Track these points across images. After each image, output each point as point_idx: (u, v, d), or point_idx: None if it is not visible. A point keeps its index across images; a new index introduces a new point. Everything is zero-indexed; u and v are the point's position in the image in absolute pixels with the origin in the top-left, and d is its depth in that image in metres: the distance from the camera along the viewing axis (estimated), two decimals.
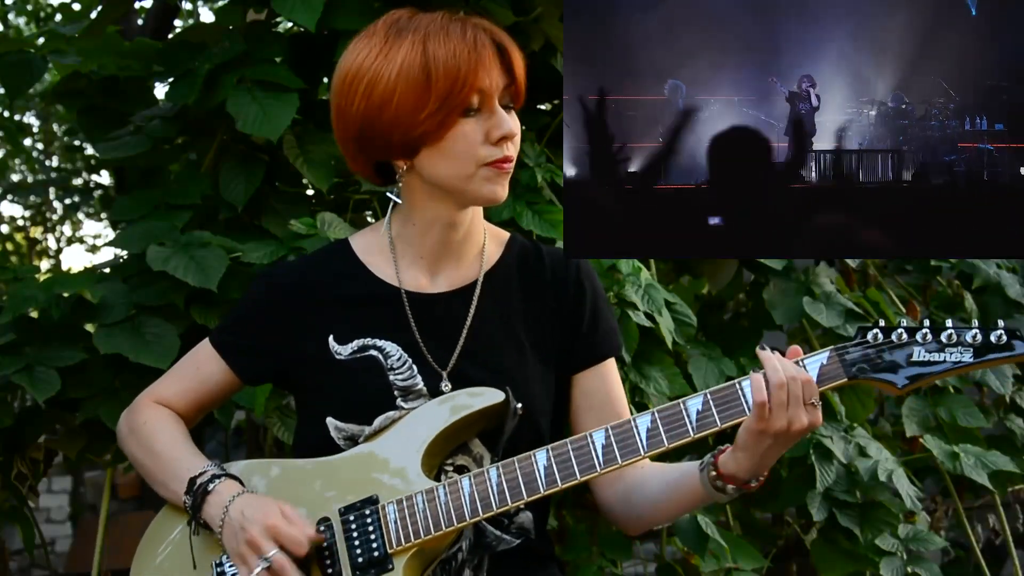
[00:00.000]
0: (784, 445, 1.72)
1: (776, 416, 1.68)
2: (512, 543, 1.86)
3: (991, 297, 3.60)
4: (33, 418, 2.83)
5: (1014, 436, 3.48)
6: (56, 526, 8.69)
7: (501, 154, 1.79)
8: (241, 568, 1.77)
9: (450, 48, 1.75)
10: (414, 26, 1.79)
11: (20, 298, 2.68)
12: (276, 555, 1.74)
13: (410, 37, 1.77)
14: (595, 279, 1.96)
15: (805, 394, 1.69)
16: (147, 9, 4.50)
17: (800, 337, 3.42)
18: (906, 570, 2.89)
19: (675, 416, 1.74)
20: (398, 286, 1.89)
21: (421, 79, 1.74)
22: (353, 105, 1.79)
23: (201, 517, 1.82)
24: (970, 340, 1.70)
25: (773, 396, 1.69)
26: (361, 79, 1.78)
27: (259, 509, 1.77)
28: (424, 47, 1.75)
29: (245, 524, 1.76)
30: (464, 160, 1.78)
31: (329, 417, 1.84)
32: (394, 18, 1.83)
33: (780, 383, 1.69)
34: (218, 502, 1.81)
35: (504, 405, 1.80)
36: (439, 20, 1.79)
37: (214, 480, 1.83)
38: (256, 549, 1.74)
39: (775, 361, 1.71)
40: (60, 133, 11.25)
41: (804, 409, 1.69)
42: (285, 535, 1.75)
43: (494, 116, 1.78)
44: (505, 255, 1.94)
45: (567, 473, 1.74)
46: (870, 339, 1.74)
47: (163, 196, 2.90)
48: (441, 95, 1.74)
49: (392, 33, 1.79)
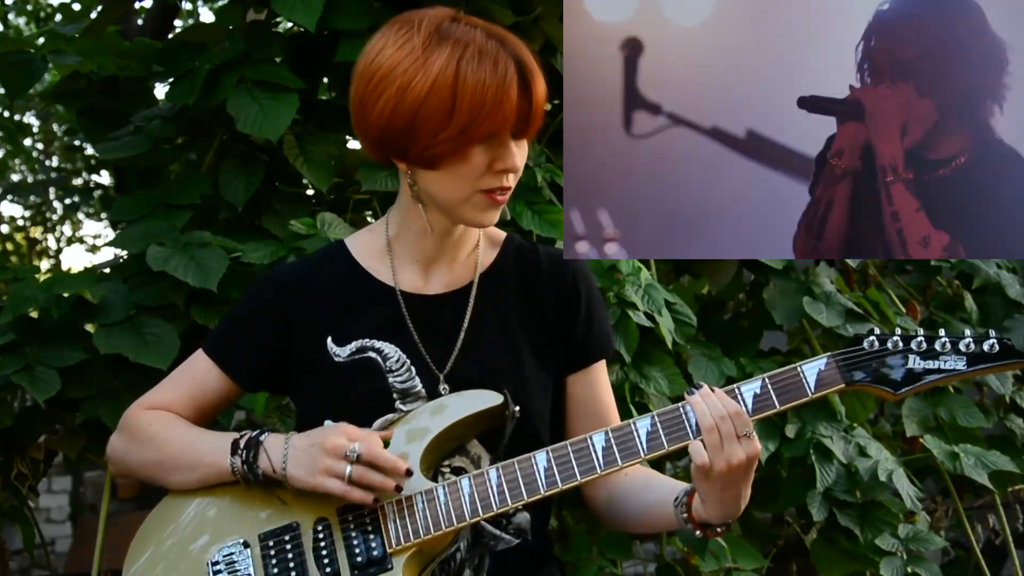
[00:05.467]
0: (735, 484, 1.71)
1: (714, 459, 1.69)
2: (511, 542, 1.86)
3: (991, 297, 3.59)
4: (33, 418, 2.83)
5: (1014, 436, 3.48)
6: (56, 526, 8.68)
7: (499, 184, 1.78)
8: (327, 481, 1.73)
9: (480, 77, 1.71)
10: (455, 36, 1.74)
11: (20, 298, 2.68)
12: (361, 446, 1.73)
13: (449, 50, 1.73)
14: (591, 280, 1.96)
15: (736, 428, 1.70)
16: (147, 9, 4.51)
17: (800, 337, 3.42)
18: (906, 570, 2.89)
19: (675, 419, 1.75)
20: (394, 287, 1.89)
21: (448, 101, 1.72)
22: (379, 104, 1.76)
23: (258, 467, 1.80)
24: (964, 349, 1.74)
25: (707, 440, 1.70)
26: (394, 80, 1.74)
27: (320, 430, 1.77)
28: (458, 67, 1.72)
29: (315, 440, 1.75)
30: (463, 183, 1.78)
31: (328, 420, 1.83)
32: (437, 19, 1.78)
33: (710, 427, 1.70)
34: (275, 445, 1.79)
35: (502, 407, 1.80)
36: (479, 40, 1.74)
37: (263, 433, 1.82)
38: (339, 449, 1.73)
39: (703, 405, 1.71)
40: (60, 133, 11.27)
41: (739, 443, 1.69)
42: (356, 433, 1.75)
43: (502, 147, 1.76)
44: (501, 255, 1.94)
45: (567, 474, 1.75)
46: (866, 346, 1.76)
47: (163, 196, 2.90)
48: (461, 124, 1.72)
49: (434, 38, 1.75)
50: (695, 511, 1.75)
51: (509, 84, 1.73)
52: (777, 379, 1.75)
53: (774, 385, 1.75)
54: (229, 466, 1.82)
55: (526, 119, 1.77)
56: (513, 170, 1.79)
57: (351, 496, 1.74)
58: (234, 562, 1.81)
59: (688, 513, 1.76)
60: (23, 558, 6.56)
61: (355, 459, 1.73)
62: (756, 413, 1.75)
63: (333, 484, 1.74)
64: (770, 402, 1.75)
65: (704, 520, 1.75)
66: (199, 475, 1.87)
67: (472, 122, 1.72)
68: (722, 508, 1.73)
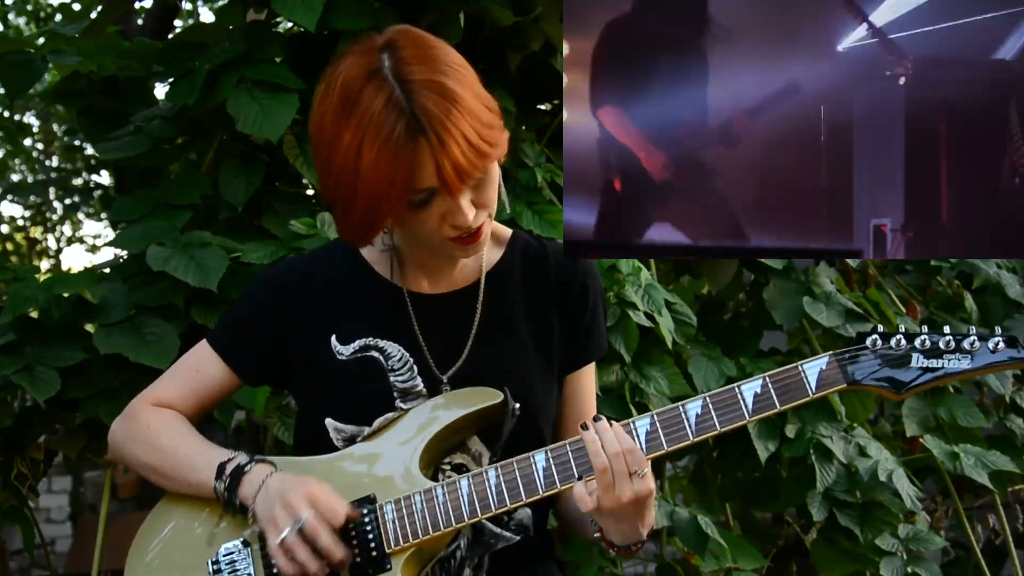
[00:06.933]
0: (628, 518, 1.71)
1: (604, 496, 1.68)
2: (511, 540, 1.86)
3: (991, 297, 3.59)
4: (33, 418, 2.84)
5: (1014, 436, 3.48)
6: (56, 526, 8.69)
7: (463, 232, 1.75)
8: (271, 532, 1.74)
9: (374, 154, 1.66)
10: (360, 111, 1.68)
11: (20, 298, 2.68)
12: (311, 519, 1.72)
13: (353, 126, 1.69)
14: (598, 280, 1.96)
15: (629, 466, 1.68)
16: (147, 9, 4.51)
17: (800, 337, 3.42)
18: (906, 570, 2.89)
19: (674, 419, 1.74)
20: (400, 286, 1.89)
21: (353, 182, 1.70)
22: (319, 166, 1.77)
23: (236, 497, 1.80)
24: (968, 347, 1.71)
25: (599, 479, 1.69)
26: (321, 146, 1.75)
27: (298, 481, 1.77)
28: (359, 148, 1.68)
29: (284, 491, 1.75)
30: (424, 237, 1.77)
31: (328, 418, 1.83)
32: (348, 83, 1.72)
33: (603, 468, 1.68)
34: (255, 480, 1.79)
35: (502, 405, 1.80)
36: (376, 113, 1.67)
37: (250, 463, 1.82)
38: (292, 511, 1.73)
39: (597, 444, 1.69)
40: (60, 133, 11.26)
41: (629, 482, 1.68)
42: (323, 503, 1.74)
43: (449, 203, 1.71)
44: (508, 254, 1.93)
45: (566, 475, 1.74)
46: (869, 345, 1.74)
47: (163, 196, 2.90)
48: (369, 202, 1.70)
49: (342, 109, 1.70)
50: (605, 532, 1.76)
51: (411, 149, 1.66)
52: (778, 378, 1.74)
53: (775, 384, 1.74)
54: (212, 489, 1.83)
55: (456, 170, 1.67)
56: (464, 227, 1.74)
57: (275, 558, 1.73)
58: (234, 561, 1.81)
59: (600, 532, 1.77)
60: (23, 558, 6.56)
61: (297, 528, 1.72)
62: (756, 413, 1.73)
63: (272, 538, 1.74)
64: (771, 402, 1.74)
65: (611, 540, 1.76)
66: (184, 488, 1.88)
67: (381, 197, 1.69)
68: (622, 536, 1.74)
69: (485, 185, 1.74)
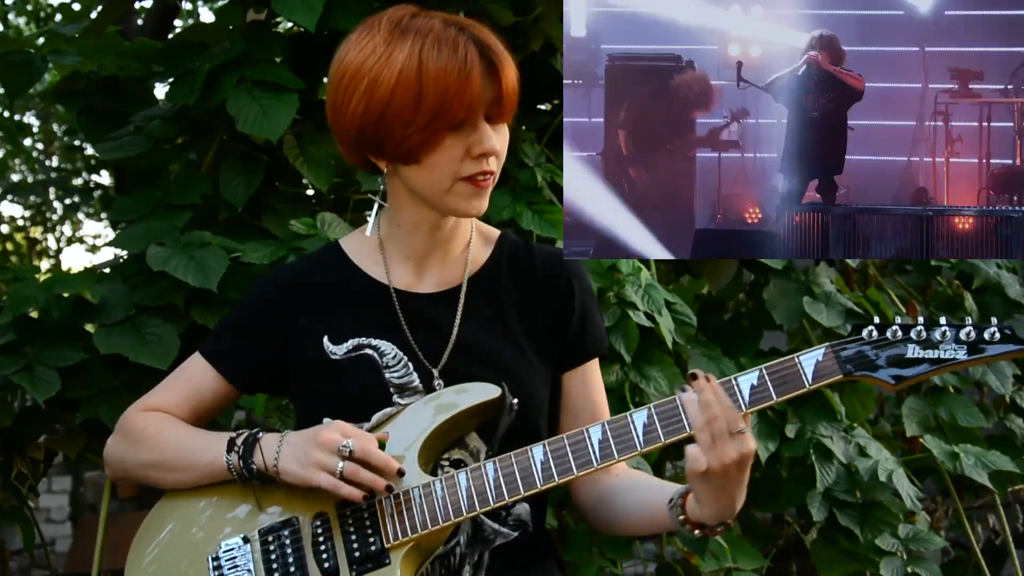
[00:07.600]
0: (729, 485, 1.69)
1: (710, 457, 1.67)
2: (510, 536, 1.86)
3: (991, 297, 3.60)
4: (33, 418, 2.84)
5: (1014, 436, 3.48)
6: (56, 526, 8.69)
7: (479, 169, 1.79)
8: (319, 474, 1.73)
9: (442, 64, 1.73)
10: (415, 29, 1.77)
11: (20, 298, 2.68)
12: (355, 442, 1.73)
13: (410, 42, 1.76)
14: (585, 278, 1.96)
15: (729, 426, 1.67)
16: (147, 9, 4.52)
17: (800, 337, 3.42)
18: (906, 570, 2.89)
19: (671, 411, 1.74)
20: (388, 285, 1.90)
21: (414, 92, 1.74)
22: (351, 104, 1.79)
23: (253, 464, 1.80)
24: (964, 337, 1.70)
25: (698, 438, 1.68)
26: (361, 79, 1.77)
27: (314, 428, 1.77)
28: (420, 58, 1.74)
29: (310, 437, 1.75)
30: (443, 173, 1.78)
31: (326, 418, 1.83)
32: (397, 16, 1.81)
33: (701, 425, 1.67)
34: (270, 444, 1.79)
35: (500, 400, 1.80)
36: (436, 28, 1.77)
37: (260, 432, 1.83)
38: (332, 445, 1.73)
39: (694, 405, 1.69)
40: (60, 133, 11.26)
41: (731, 442, 1.67)
42: (351, 430, 1.75)
43: (477, 131, 1.77)
44: (495, 254, 1.94)
45: (564, 468, 1.74)
46: (865, 336, 1.73)
47: (163, 196, 2.90)
48: (429, 112, 1.74)
49: (395, 33, 1.78)
50: (690, 512, 1.74)
51: (471, 68, 1.74)
52: (774, 370, 1.74)
53: (771, 376, 1.73)
54: (225, 463, 1.82)
55: (497, 101, 1.78)
56: (491, 152, 1.79)
57: (340, 491, 1.74)
58: (235, 558, 1.81)
59: (684, 515, 1.75)
60: (23, 558, 6.56)
61: (347, 455, 1.73)
62: (753, 405, 1.73)
63: (323, 478, 1.74)
64: (767, 393, 1.73)
65: (700, 520, 1.73)
66: (196, 474, 1.87)
67: (439, 109, 1.73)
68: (718, 509, 1.71)
69: (503, 136, 1.81)
